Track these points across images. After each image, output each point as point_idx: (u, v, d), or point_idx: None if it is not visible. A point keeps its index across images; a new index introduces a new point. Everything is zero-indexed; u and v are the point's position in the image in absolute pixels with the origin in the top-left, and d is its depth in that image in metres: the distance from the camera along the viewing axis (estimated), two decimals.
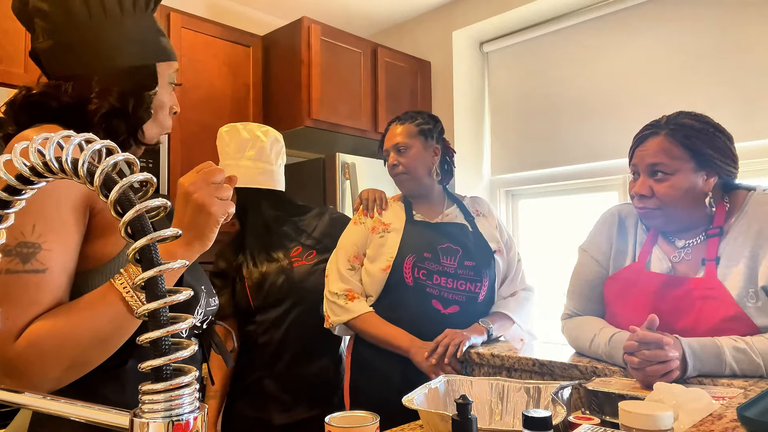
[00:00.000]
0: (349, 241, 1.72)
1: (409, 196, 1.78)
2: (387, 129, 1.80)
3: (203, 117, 2.64)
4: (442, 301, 1.61)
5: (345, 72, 2.94)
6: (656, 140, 1.28)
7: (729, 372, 1.12)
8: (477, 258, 1.67)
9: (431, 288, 1.61)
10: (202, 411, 0.40)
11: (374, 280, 1.64)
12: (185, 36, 2.60)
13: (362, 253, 1.71)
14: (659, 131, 1.28)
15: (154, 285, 0.39)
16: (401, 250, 1.63)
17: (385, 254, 1.64)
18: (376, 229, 1.70)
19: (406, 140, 1.72)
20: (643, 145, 1.30)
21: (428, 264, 1.62)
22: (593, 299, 1.42)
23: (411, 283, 1.60)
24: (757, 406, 0.78)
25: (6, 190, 0.44)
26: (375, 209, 1.76)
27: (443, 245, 1.65)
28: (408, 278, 1.61)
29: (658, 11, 2.69)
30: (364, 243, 1.70)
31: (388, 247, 1.65)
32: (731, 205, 1.29)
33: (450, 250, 1.65)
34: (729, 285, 1.20)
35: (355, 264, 1.69)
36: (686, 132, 1.25)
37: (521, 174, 3.20)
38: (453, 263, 1.64)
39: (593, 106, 2.88)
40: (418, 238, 1.66)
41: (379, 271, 1.63)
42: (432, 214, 1.75)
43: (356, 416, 0.93)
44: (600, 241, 1.44)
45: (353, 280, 1.67)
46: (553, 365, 1.32)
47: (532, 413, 0.77)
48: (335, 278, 1.67)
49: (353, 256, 1.69)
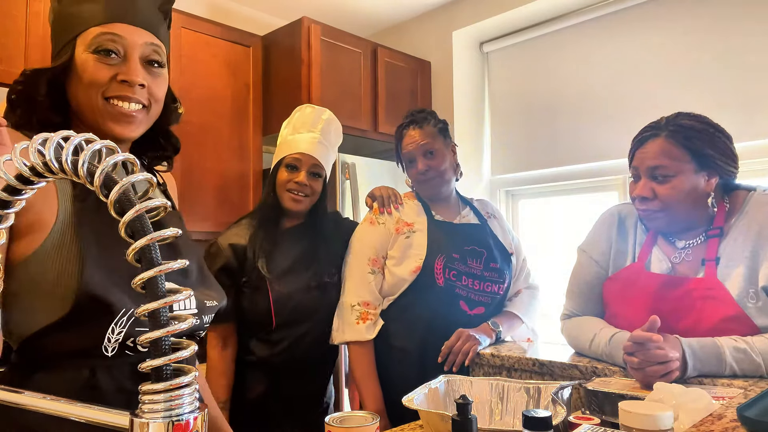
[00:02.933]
0: (368, 243, 1.65)
1: (432, 199, 1.73)
2: (402, 135, 1.71)
3: (203, 117, 2.64)
4: (468, 302, 1.59)
5: (345, 72, 2.94)
6: (656, 142, 1.27)
7: (729, 372, 1.12)
8: (500, 260, 1.67)
9: (460, 289, 1.59)
10: (202, 411, 0.40)
11: (401, 281, 1.59)
12: (185, 36, 2.60)
13: (383, 255, 1.64)
14: (659, 133, 1.28)
15: (154, 285, 0.39)
16: (431, 250, 1.59)
17: (414, 255, 1.60)
18: (401, 229, 1.65)
19: (434, 143, 1.67)
20: (643, 147, 1.29)
21: (458, 265, 1.59)
22: (592, 299, 1.42)
23: (442, 284, 1.57)
24: (757, 406, 0.78)
25: (6, 190, 0.44)
26: (391, 205, 1.71)
27: (468, 247, 1.63)
28: (439, 279, 1.57)
29: (658, 11, 2.69)
30: (385, 244, 1.64)
31: (416, 247, 1.61)
32: (731, 205, 1.29)
33: (475, 252, 1.64)
34: (729, 285, 1.20)
35: (375, 268, 1.63)
36: (686, 133, 1.25)
37: (521, 174, 3.20)
38: (479, 265, 1.63)
39: (593, 106, 2.88)
40: (444, 238, 1.62)
41: (409, 273, 1.58)
42: (450, 215, 1.72)
43: (356, 416, 0.93)
44: (599, 241, 1.43)
45: (373, 286, 1.61)
46: (553, 365, 1.32)
47: (532, 413, 0.77)
48: (353, 285, 1.61)
49: (373, 259, 1.63)
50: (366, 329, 1.58)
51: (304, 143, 1.70)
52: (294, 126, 1.76)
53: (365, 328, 1.58)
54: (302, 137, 1.71)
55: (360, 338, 1.57)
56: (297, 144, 1.70)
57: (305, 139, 1.71)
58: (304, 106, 1.81)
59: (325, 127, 1.76)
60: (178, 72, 2.57)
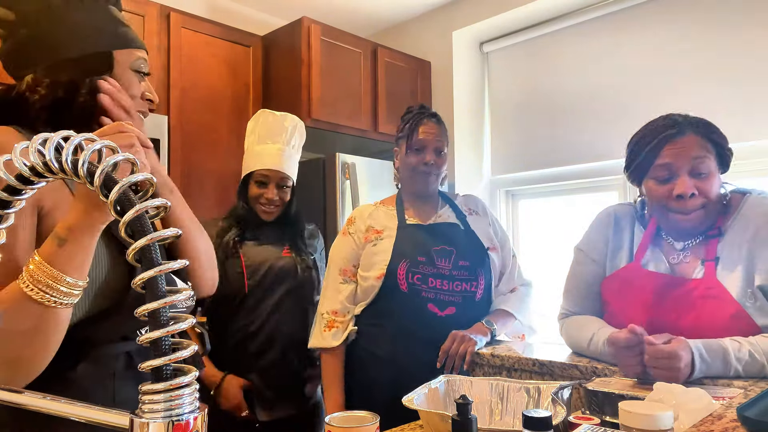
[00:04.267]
0: (340, 254, 1.72)
1: (417, 195, 1.74)
2: (420, 121, 1.70)
3: (203, 117, 2.64)
4: (438, 303, 1.59)
5: (345, 72, 2.94)
6: (689, 138, 1.25)
7: (734, 374, 1.11)
8: (471, 257, 1.65)
9: (426, 292, 1.59)
10: (202, 411, 0.40)
11: (370, 288, 1.63)
12: (185, 36, 2.60)
13: (353, 264, 1.69)
14: (685, 129, 1.25)
15: (154, 285, 0.39)
16: (394, 256, 1.61)
17: (379, 262, 1.63)
18: (369, 237, 1.69)
19: (443, 145, 1.71)
20: (673, 144, 1.25)
21: (423, 268, 1.60)
22: (590, 298, 1.42)
23: (406, 289, 1.58)
24: (757, 406, 0.78)
25: (6, 190, 0.44)
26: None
27: (437, 247, 1.63)
28: (402, 285, 1.58)
29: (658, 11, 2.69)
30: (355, 255, 1.69)
31: (381, 254, 1.63)
32: (727, 207, 1.30)
33: (444, 251, 1.63)
34: (728, 285, 1.20)
35: (347, 277, 1.69)
36: (709, 128, 1.26)
37: (521, 174, 3.20)
38: (448, 264, 1.62)
39: (593, 106, 2.88)
40: (411, 242, 1.64)
41: (374, 279, 1.62)
42: (426, 215, 1.73)
43: (356, 416, 0.93)
44: (596, 240, 1.43)
45: (343, 296, 1.66)
46: (553, 365, 1.32)
47: (532, 413, 0.77)
48: (327, 295, 1.69)
49: (344, 269, 1.69)
50: (332, 336, 1.63)
51: (269, 158, 1.83)
52: (259, 135, 1.87)
53: (331, 335, 1.63)
54: (267, 150, 1.84)
55: (325, 345, 1.62)
56: (262, 159, 1.83)
57: (271, 152, 1.84)
58: (266, 113, 1.91)
59: (288, 136, 1.89)
60: (178, 72, 2.57)
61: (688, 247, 1.30)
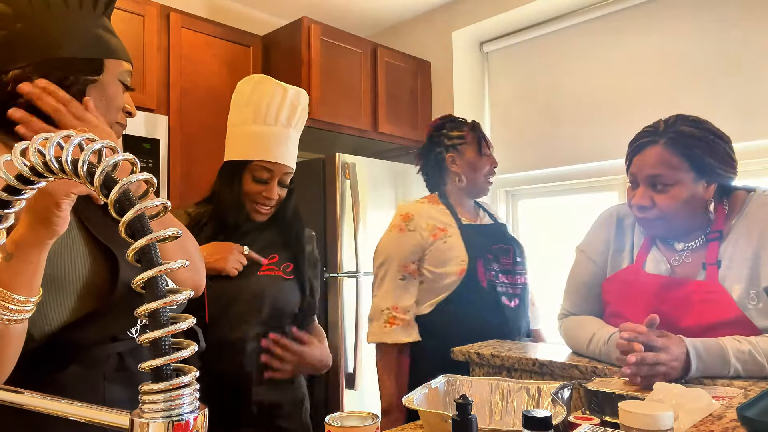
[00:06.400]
0: (399, 250, 1.71)
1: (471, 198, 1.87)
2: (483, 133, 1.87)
3: (203, 117, 2.64)
4: (508, 297, 1.71)
5: (345, 72, 2.94)
6: (655, 150, 1.25)
7: (733, 373, 1.11)
8: (521, 254, 1.80)
9: (500, 286, 1.70)
10: (203, 411, 0.40)
11: (443, 285, 1.67)
12: (185, 36, 2.60)
13: (412, 261, 1.71)
14: (657, 140, 1.25)
15: (154, 285, 0.39)
16: (470, 253, 1.68)
17: (454, 258, 1.67)
18: (438, 235, 1.71)
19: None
20: (642, 155, 1.27)
21: (494, 264, 1.71)
22: (590, 299, 1.42)
23: (485, 284, 1.66)
24: (757, 406, 0.78)
25: (6, 190, 0.44)
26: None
27: (496, 245, 1.75)
28: (482, 280, 1.66)
29: (658, 11, 2.69)
30: (419, 251, 1.71)
31: (455, 250, 1.68)
32: (730, 207, 1.29)
33: (502, 249, 1.76)
34: (730, 287, 1.19)
35: (406, 273, 1.71)
36: (686, 141, 1.22)
37: (521, 174, 3.20)
38: (509, 261, 1.75)
39: (593, 106, 2.88)
40: (477, 240, 1.72)
41: (453, 275, 1.66)
42: (473, 216, 1.84)
43: (356, 416, 0.93)
44: (597, 241, 1.43)
45: (405, 291, 1.69)
46: (553, 365, 1.32)
47: (532, 413, 0.77)
48: (387, 290, 1.70)
49: (404, 265, 1.71)
50: (393, 332, 1.67)
51: (276, 147, 1.42)
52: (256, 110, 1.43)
53: (393, 331, 1.67)
54: (270, 133, 1.42)
55: (387, 340, 1.67)
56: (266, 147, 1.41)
57: (275, 139, 1.42)
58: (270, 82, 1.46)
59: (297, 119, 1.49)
60: (178, 72, 2.57)
61: (688, 248, 1.30)
